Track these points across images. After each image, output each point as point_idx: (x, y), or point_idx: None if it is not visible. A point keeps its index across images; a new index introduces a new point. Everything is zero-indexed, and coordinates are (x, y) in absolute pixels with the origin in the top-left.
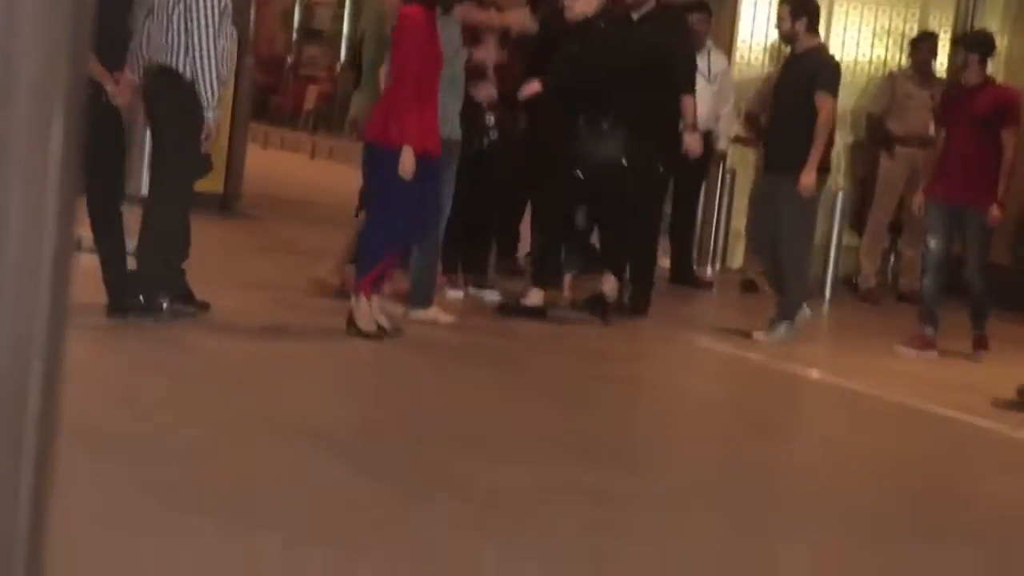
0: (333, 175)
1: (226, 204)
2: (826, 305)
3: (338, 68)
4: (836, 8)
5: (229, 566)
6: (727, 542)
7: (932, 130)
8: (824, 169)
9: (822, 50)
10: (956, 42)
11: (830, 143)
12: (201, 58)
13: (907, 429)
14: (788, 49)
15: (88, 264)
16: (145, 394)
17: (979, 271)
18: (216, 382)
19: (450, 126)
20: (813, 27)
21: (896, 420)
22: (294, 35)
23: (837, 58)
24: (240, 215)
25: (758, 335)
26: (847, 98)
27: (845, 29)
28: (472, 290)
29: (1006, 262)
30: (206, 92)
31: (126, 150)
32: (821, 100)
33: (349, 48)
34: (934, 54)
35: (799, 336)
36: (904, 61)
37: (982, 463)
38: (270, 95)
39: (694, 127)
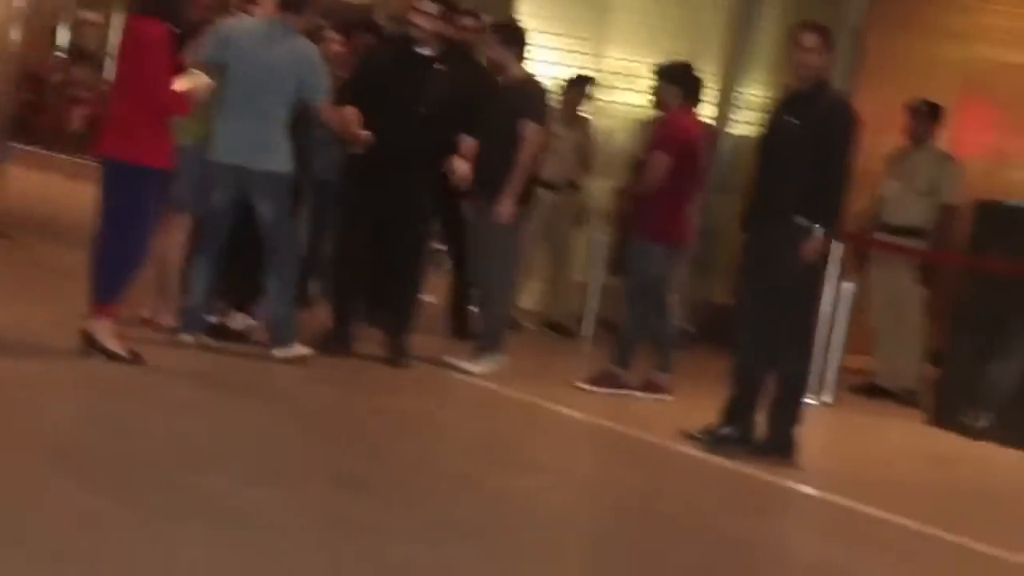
0: (94, 197)
1: None
2: (585, 344)
3: (104, 89)
4: (605, 53)
5: None
6: (478, 573)
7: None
8: (526, 200)
9: (531, 81)
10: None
11: (533, 174)
12: None
13: (656, 467)
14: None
15: None
16: None
17: (630, 302)
18: None
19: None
20: (521, 57)
21: (647, 458)
22: (60, 54)
23: (602, 102)
24: None
25: (469, 366)
26: (613, 143)
27: (613, 74)
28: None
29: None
30: None
31: None
32: (529, 129)
33: None
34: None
35: (503, 364)
36: None
37: (728, 501)
38: (33, 114)
39: (465, 159)
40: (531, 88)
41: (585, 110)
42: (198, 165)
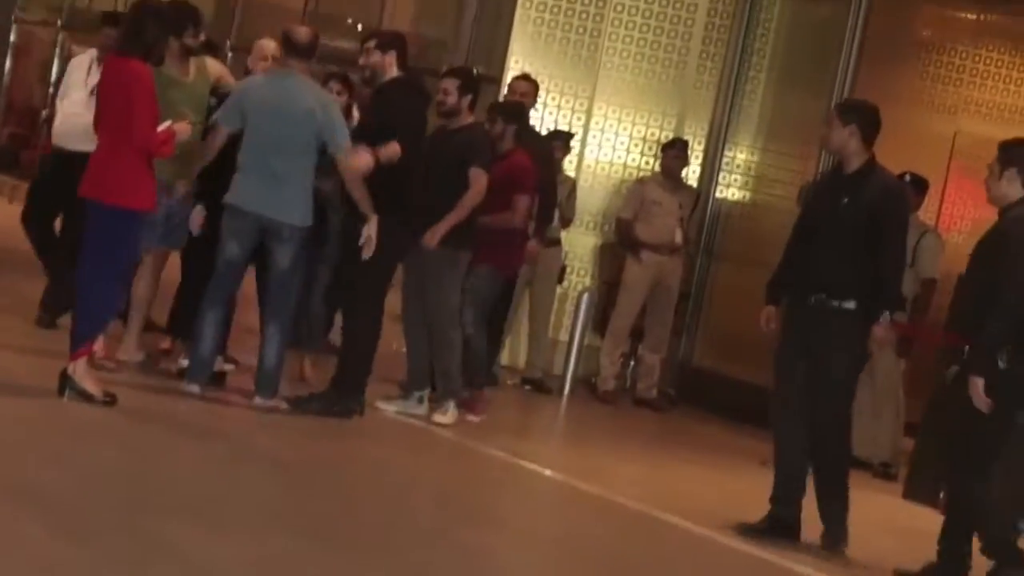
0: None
1: None
2: (564, 403)
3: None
4: (595, 111)
5: None
6: None
7: (679, 237)
8: (462, 246)
9: (478, 128)
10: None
11: (471, 219)
12: None
13: (624, 530)
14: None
15: None
16: None
17: (475, 324)
18: None
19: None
20: (474, 105)
21: (615, 521)
22: (51, 88)
23: (590, 159)
24: None
25: (437, 418)
26: (598, 201)
27: (602, 131)
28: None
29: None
30: None
31: None
32: (475, 175)
33: None
34: (684, 161)
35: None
36: (656, 167)
37: (692, 566)
38: (22, 148)
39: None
40: (479, 135)
41: (565, 166)
42: (164, 203)
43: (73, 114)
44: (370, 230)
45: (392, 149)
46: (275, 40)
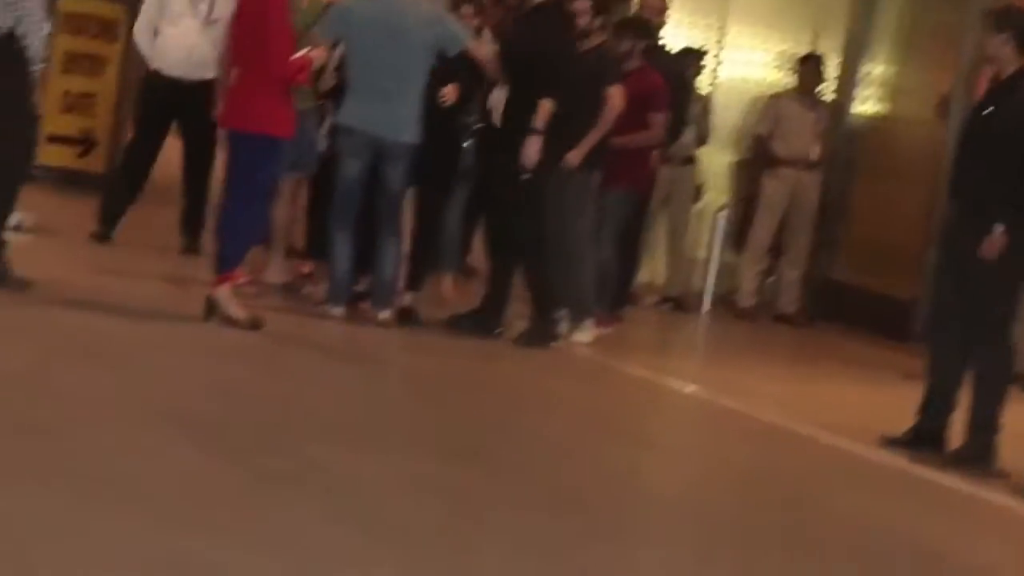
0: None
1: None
2: (703, 320)
3: None
4: (730, 28)
5: (79, 544)
6: (585, 548)
7: (815, 152)
8: (595, 166)
9: (608, 47)
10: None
11: (604, 140)
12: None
13: (769, 446)
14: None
15: None
16: (2, 366)
17: (611, 244)
18: (76, 358)
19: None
20: (605, 26)
21: (759, 437)
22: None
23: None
24: None
25: (577, 337)
26: (733, 118)
27: (737, 48)
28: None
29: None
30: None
31: None
32: (613, 94)
33: None
34: (819, 76)
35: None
36: (791, 83)
37: (838, 480)
38: None
39: (538, 132)
40: (612, 54)
41: (699, 84)
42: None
43: (190, 45)
44: (530, 147)
45: (544, 111)
46: None
